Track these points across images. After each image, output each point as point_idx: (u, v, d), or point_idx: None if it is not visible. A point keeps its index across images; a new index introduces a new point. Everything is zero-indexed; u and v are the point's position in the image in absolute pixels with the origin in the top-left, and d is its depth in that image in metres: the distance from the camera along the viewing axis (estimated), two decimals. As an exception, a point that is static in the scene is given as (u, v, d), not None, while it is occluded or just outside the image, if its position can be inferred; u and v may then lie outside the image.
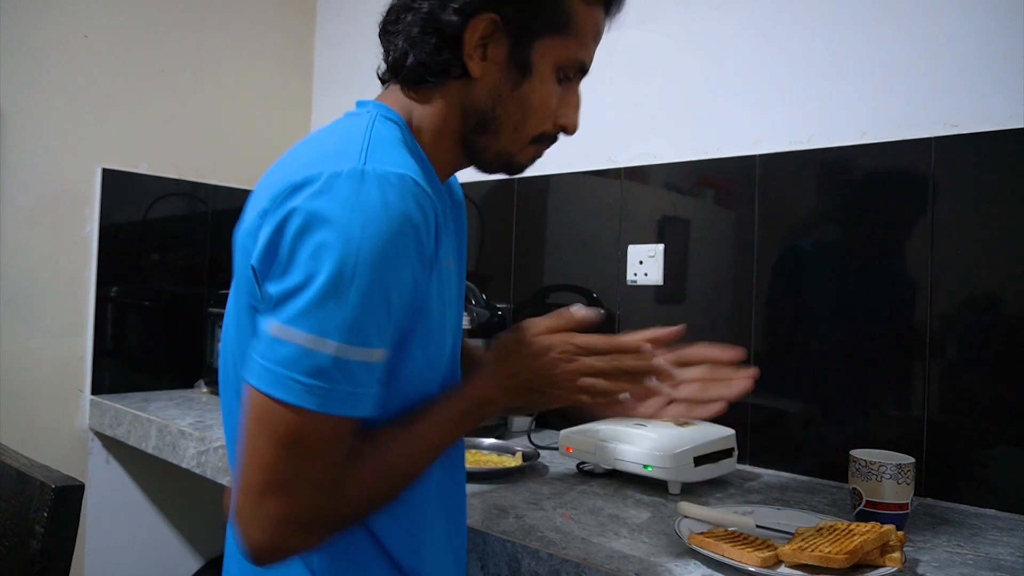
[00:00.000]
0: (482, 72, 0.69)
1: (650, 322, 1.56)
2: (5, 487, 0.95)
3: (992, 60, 1.17)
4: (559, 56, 0.71)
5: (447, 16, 0.67)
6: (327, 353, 0.57)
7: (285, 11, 2.31)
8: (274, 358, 0.58)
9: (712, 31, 1.49)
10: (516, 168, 0.77)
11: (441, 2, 0.67)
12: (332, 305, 0.57)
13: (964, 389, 1.17)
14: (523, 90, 0.70)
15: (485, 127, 0.71)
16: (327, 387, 0.58)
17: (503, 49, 0.69)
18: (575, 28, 0.71)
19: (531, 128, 0.72)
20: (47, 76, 1.79)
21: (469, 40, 0.68)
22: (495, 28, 0.68)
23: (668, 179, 1.55)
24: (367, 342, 0.59)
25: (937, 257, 1.20)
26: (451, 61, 0.69)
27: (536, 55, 0.70)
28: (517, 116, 0.71)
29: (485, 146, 0.73)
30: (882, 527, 0.84)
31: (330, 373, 0.58)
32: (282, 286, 0.59)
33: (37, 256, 1.79)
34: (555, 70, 0.71)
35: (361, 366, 0.59)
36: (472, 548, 0.96)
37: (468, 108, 0.71)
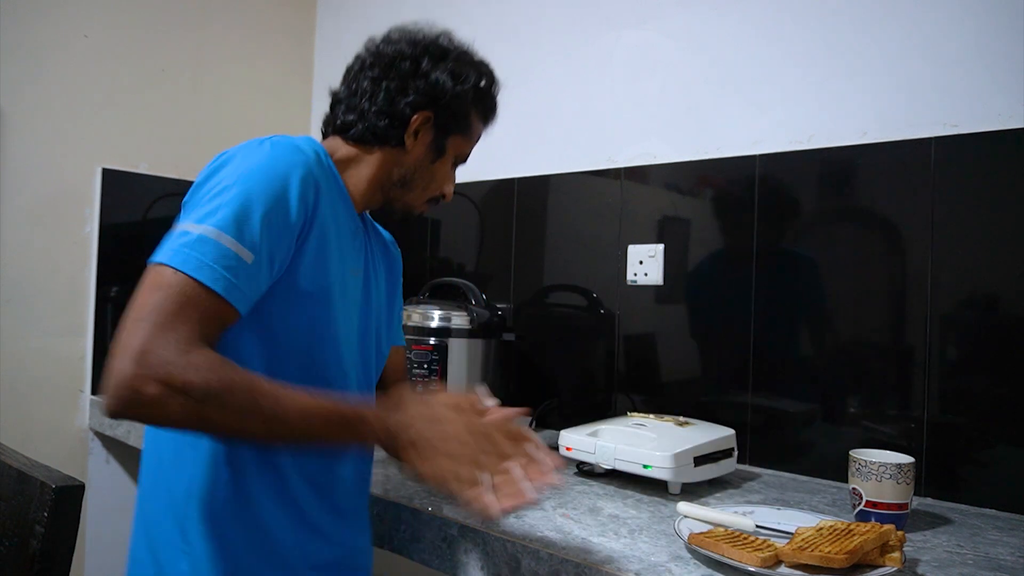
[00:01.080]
0: (412, 147, 0.97)
1: (650, 322, 1.56)
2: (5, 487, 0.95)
3: (992, 60, 1.17)
4: (459, 149, 1.01)
5: (401, 107, 0.94)
6: (200, 233, 0.74)
7: (285, 11, 2.31)
8: (167, 240, 0.75)
9: (712, 31, 1.49)
10: (412, 216, 1.04)
11: (399, 97, 0.94)
12: (214, 204, 0.76)
13: (964, 389, 1.18)
14: (435, 166, 0.99)
15: (404, 185, 0.98)
16: (196, 256, 0.73)
17: (430, 136, 0.97)
18: (471, 134, 1.02)
19: (430, 191, 1.02)
20: (47, 76, 1.79)
21: (411, 125, 0.95)
22: (428, 121, 0.96)
23: (668, 179, 1.55)
24: (235, 235, 0.75)
25: (937, 257, 1.20)
26: (393, 135, 0.95)
27: (448, 145, 0.99)
28: (426, 181, 1.00)
29: (399, 197, 0.99)
30: (882, 527, 0.84)
31: (200, 247, 0.73)
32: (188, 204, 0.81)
33: (37, 256, 1.79)
34: (454, 158, 1.01)
35: (229, 253, 0.74)
36: (472, 548, 0.96)
37: (395, 169, 0.97)
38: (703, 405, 1.46)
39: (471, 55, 1.00)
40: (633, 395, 1.57)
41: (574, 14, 1.74)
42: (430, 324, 1.51)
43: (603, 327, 1.62)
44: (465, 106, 0.97)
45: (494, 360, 1.54)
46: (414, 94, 0.94)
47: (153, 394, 0.66)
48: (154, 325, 0.69)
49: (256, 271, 0.77)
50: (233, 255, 0.74)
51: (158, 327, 0.69)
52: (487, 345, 1.53)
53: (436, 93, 0.95)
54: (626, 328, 1.59)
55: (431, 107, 0.95)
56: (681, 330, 1.52)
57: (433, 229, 2.01)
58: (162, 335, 0.69)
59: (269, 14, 2.26)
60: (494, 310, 1.57)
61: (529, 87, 1.80)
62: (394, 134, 0.95)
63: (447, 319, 1.51)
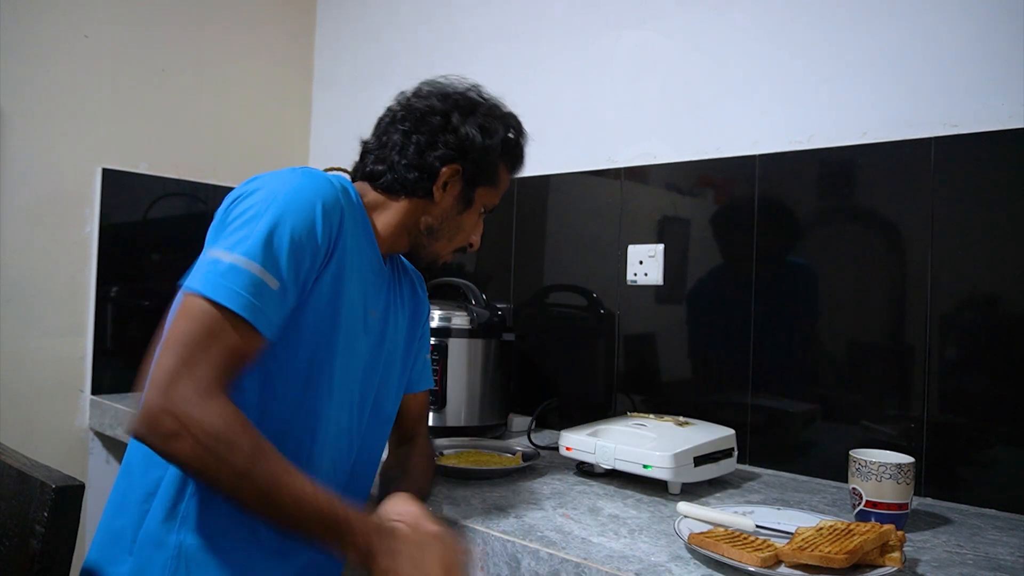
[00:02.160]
0: (441, 199, 0.98)
1: (650, 322, 1.56)
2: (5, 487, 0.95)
3: (992, 60, 1.17)
4: (486, 200, 1.03)
5: (431, 160, 0.96)
6: (231, 261, 0.77)
7: (285, 11, 2.31)
8: (198, 266, 0.78)
9: (712, 31, 1.49)
10: (437, 265, 1.05)
11: (428, 151, 0.96)
12: (243, 232, 0.79)
13: (964, 389, 1.18)
14: (462, 216, 1.01)
15: (431, 234, 1.00)
16: (226, 284, 0.75)
17: (458, 188, 0.99)
18: (498, 184, 1.03)
19: (458, 241, 1.04)
20: (47, 76, 1.79)
21: (441, 177, 0.97)
22: (457, 174, 0.98)
23: (668, 179, 1.55)
24: (262, 262, 0.77)
25: (937, 257, 1.20)
26: (421, 187, 0.97)
27: (476, 196, 1.01)
28: (453, 232, 1.02)
29: (426, 245, 1.01)
30: (882, 527, 0.84)
31: (231, 275, 0.76)
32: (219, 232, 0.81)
33: (37, 256, 1.79)
34: (482, 208, 1.03)
35: (257, 281, 0.76)
36: (472, 548, 0.96)
37: (423, 219, 0.99)
38: (703, 405, 1.46)
39: (500, 108, 1.02)
40: (633, 395, 1.57)
41: (574, 14, 1.74)
42: (430, 324, 1.51)
43: (603, 327, 1.62)
44: (493, 159, 0.99)
45: (494, 360, 1.54)
46: (444, 148, 0.96)
47: (170, 428, 0.70)
48: (183, 359, 0.72)
49: (282, 297, 0.79)
50: (260, 282, 0.77)
51: (186, 361, 0.72)
52: (487, 345, 1.53)
53: (465, 147, 0.96)
54: (626, 328, 1.59)
55: (460, 160, 0.97)
56: (681, 330, 1.52)
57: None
58: (188, 370, 0.72)
59: (269, 14, 2.26)
60: (494, 310, 1.57)
61: (529, 87, 1.80)
62: (423, 186, 0.97)
63: (447, 319, 1.51)
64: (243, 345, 0.76)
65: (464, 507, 1.03)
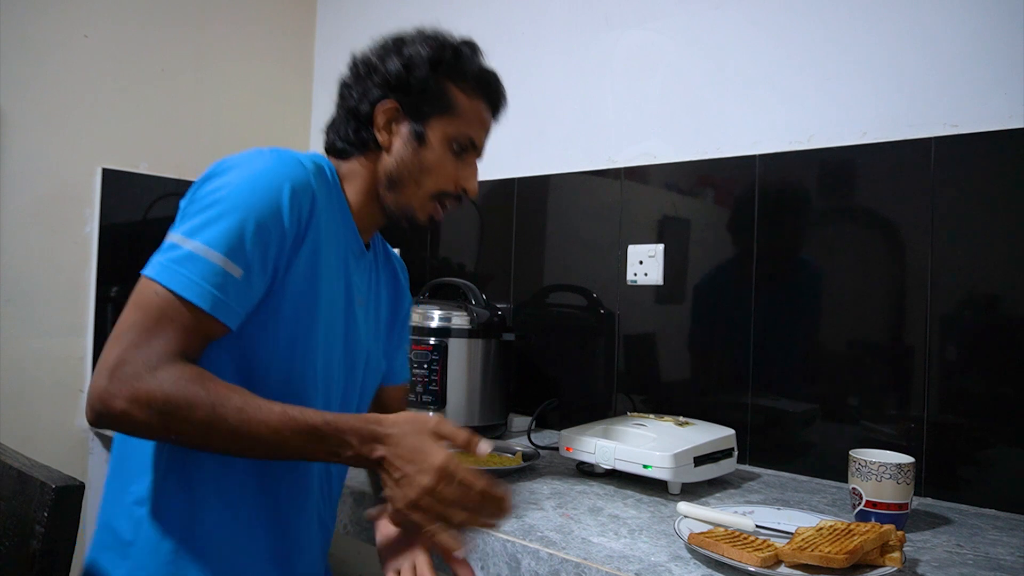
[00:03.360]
0: (389, 143, 0.92)
1: (650, 322, 1.56)
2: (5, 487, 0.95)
3: (992, 60, 1.17)
4: (449, 131, 0.93)
5: (363, 106, 0.92)
6: (188, 249, 0.75)
7: (285, 11, 2.31)
8: (159, 251, 0.77)
9: (712, 31, 1.49)
10: (417, 221, 0.96)
11: (360, 98, 0.92)
12: (204, 217, 0.76)
13: (964, 389, 1.18)
14: (420, 155, 0.92)
15: (393, 183, 0.93)
16: (184, 273, 0.74)
17: (404, 125, 0.92)
18: (459, 111, 0.93)
19: (430, 185, 0.93)
20: (47, 76, 1.79)
21: (378, 120, 0.92)
22: (397, 111, 0.92)
23: (668, 179, 1.55)
24: (225, 251, 0.75)
25: (937, 257, 1.20)
26: (368, 138, 0.93)
27: (429, 130, 0.92)
28: (416, 174, 0.92)
29: (394, 199, 0.94)
30: (882, 527, 0.84)
31: (189, 264, 0.74)
32: (184, 210, 0.80)
33: (37, 256, 1.79)
34: (447, 142, 0.93)
35: (217, 270, 0.75)
36: (472, 548, 0.95)
37: (381, 171, 0.93)
38: (703, 405, 1.46)
39: (433, 31, 0.94)
40: (633, 395, 1.57)
41: (574, 14, 1.74)
42: (430, 324, 1.51)
43: (603, 327, 1.62)
44: (434, 83, 0.91)
45: (494, 360, 1.54)
46: (373, 88, 0.91)
47: (121, 408, 0.70)
48: (130, 342, 0.72)
49: (246, 286, 0.77)
50: (221, 271, 0.75)
51: (133, 343, 0.72)
52: (487, 345, 1.53)
53: (392, 79, 0.91)
54: (626, 328, 1.59)
55: (392, 95, 0.91)
56: (681, 330, 1.52)
57: (433, 229, 2.01)
58: (135, 350, 0.72)
59: (269, 14, 2.26)
60: (494, 310, 1.57)
61: (529, 87, 1.80)
62: (367, 136, 0.92)
63: (447, 319, 1.51)
64: (200, 327, 0.75)
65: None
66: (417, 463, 0.74)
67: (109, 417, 0.71)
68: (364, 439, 0.75)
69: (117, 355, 0.71)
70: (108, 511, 0.87)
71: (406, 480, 0.74)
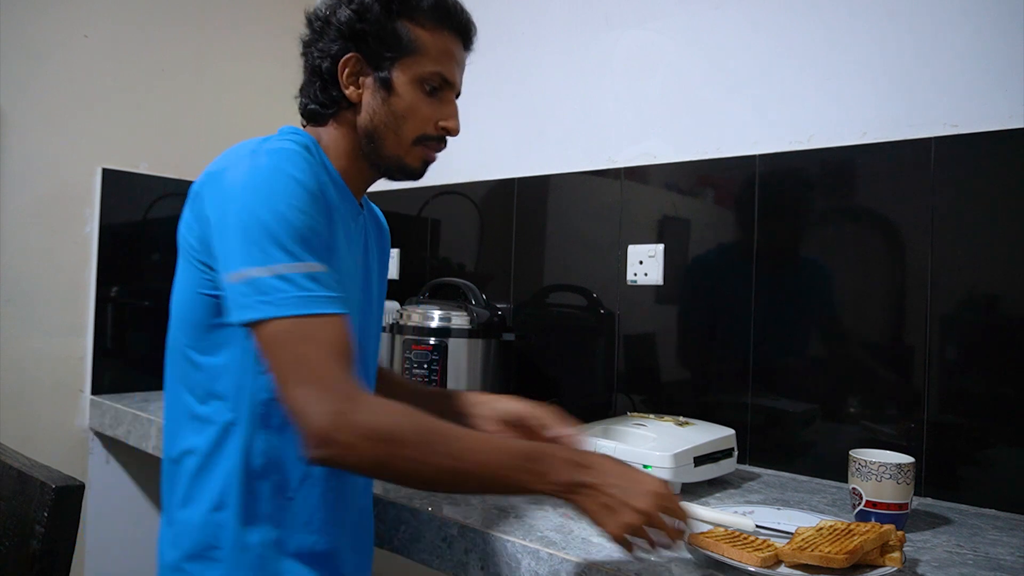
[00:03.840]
0: (358, 97, 0.89)
1: (650, 322, 1.56)
2: (5, 487, 0.95)
3: (992, 60, 1.17)
4: (414, 72, 0.89)
5: (324, 63, 0.89)
6: (274, 274, 0.73)
7: (285, 11, 2.31)
8: (240, 295, 0.74)
9: (712, 30, 1.49)
10: (410, 169, 0.93)
11: (321, 55, 0.89)
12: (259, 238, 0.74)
13: (964, 389, 1.18)
14: (391, 103, 0.89)
15: (372, 138, 0.90)
16: (284, 296, 0.72)
17: (369, 77, 0.89)
18: (421, 49, 0.89)
19: (408, 131, 0.90)
20: (47, 76, 1.79)
21: (342, 76, 0.88)
22: (358, 63, 0.88)
23: (668, 179, 1.55)
24: (295, 257, 0.74)
25: (937, 257, 1.20)
26: (336, 97, 0.90)
27: (394, 75, 0.88)
28: (392, 123, 0.89)
29: (377, 154, 0.91)
30: (882, 527, 0.84)
31: (280, 287, 0.73)
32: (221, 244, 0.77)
33: (37, 256, 1.79)
34: (417, 84, 0.89)
35: (300, 276, 0.74)
36: (472, 548, 0.96)
37: (359, 127, 0.90)
38: (703, 405, 1.46)
39: None
40: (633, 395, 1.57)
41: (574, 14, 1.74)
42: (430, 324, 1.51)
43: (603, 327, 1.62)
44: (387, 24, 0.87)
45: (494, 360, 1.54)
46: (331, 44, 0.88)
47: (337, 450, 0.69)
48: (316, 377, 0.71)
49: (332, 273, 0.78)
50: (312, 275, 0.75)
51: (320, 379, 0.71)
52: (487, 345, 1.53)
53: (345, 30, 0.87)
54: (626, 328, 1.59)
55: (349, 47, 0.88)
56: (681, 330, 1.52)
57: (433, 229, 2.01)
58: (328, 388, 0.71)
59: (269, 14, 2.26)
60: (494, 310, 1.57)
61: (529, 87, 1.80)
62: (335, 94, 0.89)
63: (447, 319, 1.51)
64: (341, 331, 0.75)
65: (464, 507, 1.03)
66: (629, 488, 0.74)
67: (337, 455, 0.70)
68: (570, 464, 0.75)
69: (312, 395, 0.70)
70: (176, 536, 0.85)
71: (618, 505, 0.73)
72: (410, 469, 0.71)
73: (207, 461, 0.84)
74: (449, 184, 1.95)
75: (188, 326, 0.86)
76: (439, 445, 0.71)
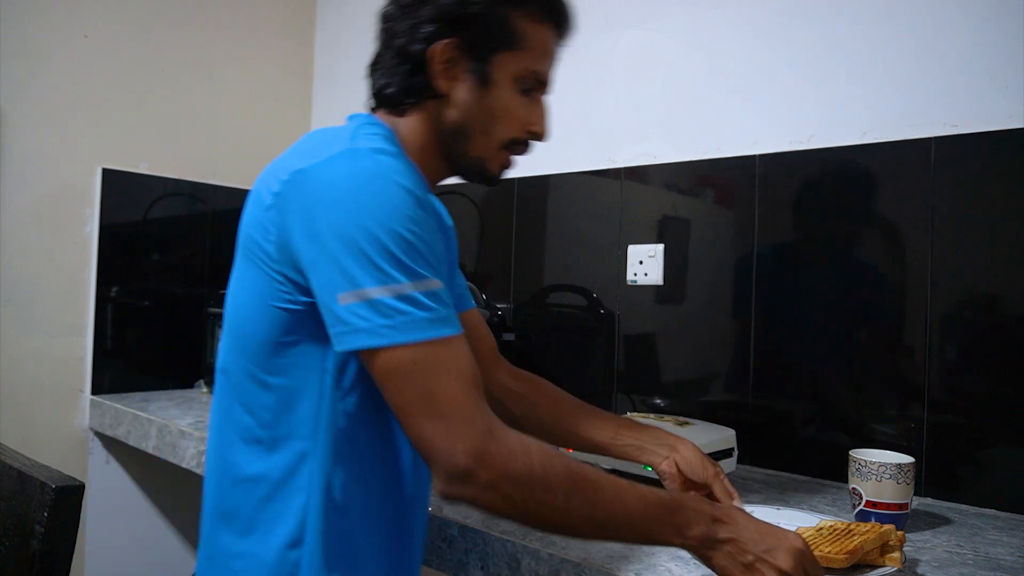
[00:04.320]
0: (449, 88, 0.80)
1: (650, 322, 1.56)
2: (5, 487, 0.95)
3: (992, 60, 1.17)
4: (515, 69, 0.81)
5: (415, 46, 0.78)
6: (390, 295, 0.65)
7: (285, 11, 2.31)
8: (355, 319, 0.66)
9: (712, 31, 1.50)
10: (489, 175, 0.86)
11: (410, 36, 0.79)
12: (372, 258, 0.66)
13: (964, 389, 1.17)
14: (487, 100, 0.81)
15: (458, 136, 0.82)
16: (407, 320, 0.66)
17: (465, 66, 0.79)
18: (526, 43, 0.81)
19: (499, 133, 0.83)
20: (47, 76, 1.79)
21: (434, 63, 0.79)
22: (456, 51, 0.78)
23: (668, 179, 1.55)
24: (413, 275, 0.67)
25: (937, 257, 1.20)
26: (423, 83, 0.80)
27: (494, 69, 0.80)
28: (484, 123, 0.81)
29: (462, 153, 0.83)
30: (882, 527, 0.84)
31: (402, 308, 0.65)
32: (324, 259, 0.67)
33: (37, 256, 1.79)
34: (514, 81, 0.82)
35: (422, 294, 0.67)
36: (472, 548, 0.96)
37: (443, 122, 0.81)
38: (703, 405, 1.46)
39: None
40: (633, 395, 1.57)
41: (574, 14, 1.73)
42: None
43: (603, 327, 1.62)
44: (495, 12, 0.79)
45: (494, 360, 1.54)
46: (425, 24, 0.78)
47: (488, 480, 0.65)
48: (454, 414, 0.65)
49: (447, 288, 0.72)
50: (433, 292, 0.68)
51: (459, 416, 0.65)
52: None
53: (447, 12, 0.78)
54: (626, 328, 1.59)
55: (449, 31, 0.78)
56: (681, 330, 1.52)
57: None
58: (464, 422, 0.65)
59: (269, 14, 2.26)
60: (494, 310, 1.57)
61: (529, 87, 1.80)
62: (422, 82, 0.79)
63: (447, 319, 1.50)
64: (468, 354, 0.69)
65: (464, 507, 1.03)
66: (770, 545, 0.70)
67: (476, 495, 0.65)
68: (708, 517, 0.71)
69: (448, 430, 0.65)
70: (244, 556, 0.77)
71: (760, 564, 0.69)
72: (550, 515, 0.67)
73: (278, 492, 0.76)
74: (449, 184, 1.94)
75: (253, 342, 0.76)
76: (584, 493, 0.67)
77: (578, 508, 0.67)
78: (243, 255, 0.78)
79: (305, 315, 0.73)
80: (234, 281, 0.80)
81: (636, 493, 0.69)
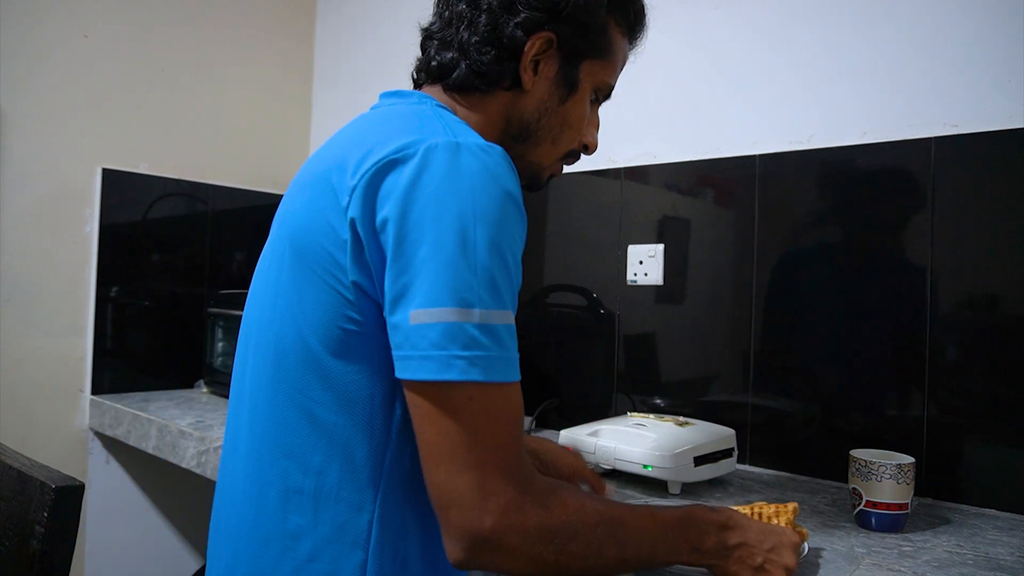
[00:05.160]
0: (533, 84, 0.73)
1: (650, 322, 1.56)
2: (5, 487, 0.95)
3: (992, 60, 1.17)
4: (597, 78, 0.77)
5: (510, 31, 0.71)
6: (474, 322, 0.58)
7: (285, 11, 2.31)
8: (426, 343, 0.58)
9: (712, 31, 1.49)
10: (539, 182, 0.80)
11: (505, 18, 0.71)
12: (464, 276, 0.58)
13: (964, 389, 1.17)
14: (567, 106, 0.75)
15: (526, 137, 0.75)
16: (484, 355, 0.58)
17: (554, 66, 0.73)
18: (611, 55, 0.77)
19: (566, 142, 0.77)
20: (47, 76, 1.79)
21: (527, 54, 0.72)
22: (550, 46, 0.72)
23: (668, 179, 1.55)
24: (503, 304, 0.60)
25: (937, 257, 1.20)
26: (506, 73, 0.72)
27: (582, 75, 0.75)
28: (557, 130, 0.76)
29: (522, 154, 0.76)
30: (789, 505, 0.85)
31: (481, 341, 0.58)
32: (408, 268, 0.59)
33: (37, 256, 1.79)
34: (592, 91, 0.77)
35: (504, 329, 0.60)
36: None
37: (513, 118, 0.74)
38: (703, 405, 1.46)
39: None
40: (633, 395, 1.57)
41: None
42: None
43: (603, 327, 1.62)
44: (599, 18, 0.73)
45: (494, 360, 1.54)
46: (526, 9, 0.70)
47: (514, 544, 0.59)
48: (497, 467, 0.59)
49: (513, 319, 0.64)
50: (505, 328, 0.60)
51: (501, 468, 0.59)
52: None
53: (554, 4, 0.70)
54: (626, 328, 1.59)
55: (550, 25, 0.71)
56: (681, 330, 1.52)
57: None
58: (502, 477, 0.58)
59: (269, 14, 2.26)
60: (494, 310, 1.57)
61: (529, 87, 1.80)
62: (506, 69, 0.72)
63: (447, 319, 1.50)
64: (521, 402, 0.62)
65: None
66: (773, 543, 0.70)
67: (498, 560, 0.59)
68: (715, 526, 0.70)
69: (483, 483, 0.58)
70: None
71: (770, 565, 0.69)
72: (574, 565, 0.61)
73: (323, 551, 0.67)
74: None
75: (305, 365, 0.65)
76: (615, 536, 0.63)
77: (609, 552, 0.63)
78: (301, 258, 0.66)
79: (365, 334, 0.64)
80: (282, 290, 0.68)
81: (654, 519, 0.67)
